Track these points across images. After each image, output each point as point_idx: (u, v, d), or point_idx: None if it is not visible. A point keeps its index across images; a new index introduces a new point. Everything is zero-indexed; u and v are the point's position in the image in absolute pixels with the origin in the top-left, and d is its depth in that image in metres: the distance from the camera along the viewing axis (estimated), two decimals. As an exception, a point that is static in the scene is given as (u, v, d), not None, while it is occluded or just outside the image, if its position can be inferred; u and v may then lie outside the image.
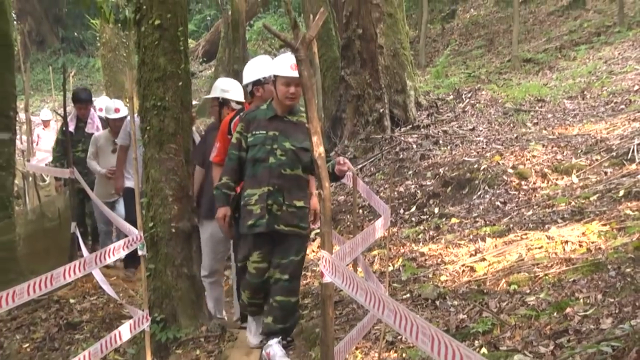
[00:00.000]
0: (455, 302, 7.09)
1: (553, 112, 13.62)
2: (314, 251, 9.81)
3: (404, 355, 6.28)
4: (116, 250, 6.52)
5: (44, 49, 42.49)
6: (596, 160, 10.21)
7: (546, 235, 8.02)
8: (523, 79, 17.48)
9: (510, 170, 10.52)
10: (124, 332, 6.48)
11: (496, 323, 6.23)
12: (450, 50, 23.39)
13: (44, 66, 38.40)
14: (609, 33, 19.43)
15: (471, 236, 8.94)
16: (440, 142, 12.91)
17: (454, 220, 9.77)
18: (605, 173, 9.74)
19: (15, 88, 12.08)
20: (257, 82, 7.48)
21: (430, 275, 8.06)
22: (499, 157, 11.02)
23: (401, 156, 12.79)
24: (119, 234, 10.90)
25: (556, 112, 13.63)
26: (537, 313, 6.17)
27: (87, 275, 8.71)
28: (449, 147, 12.51)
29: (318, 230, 5.54)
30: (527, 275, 7.08)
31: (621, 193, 8.71)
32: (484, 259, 8.00)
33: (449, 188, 10.83)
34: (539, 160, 10.68)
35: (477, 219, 9.53)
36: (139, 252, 6.79)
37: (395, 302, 3.82)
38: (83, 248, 10.52)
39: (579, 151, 10.72)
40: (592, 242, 7.48)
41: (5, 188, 11.46)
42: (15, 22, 31.31)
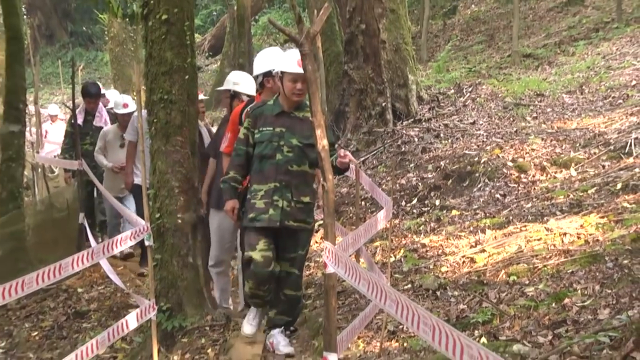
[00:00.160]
0: (456, 293, 7.08)
1: (552, 107, 13.60)
2: (317, 242, 9.80)
3: (405, 344, 6.28)
4: (123, 241, 6.52)
5: (53, 42, 42.43)
6: (594, 153, 10.20)
7: (545, 228, 8.01)
8: (523, 73, 17.45)
9: (509, 164, 10.50)
10: (131, 321, 6.48)
11: (496, 313, 6.23)
12: (451, 46, 23.35)
13: (53, 60, 38.36)
14: (607, 29, 19.38)
15: (471, 228, 8.93)
16: (442, 135, 12.89)
17: (454, 212, 9.77)
18: (603, 166, 9.72)
19: (25, 81, 12.09)
20: (267, 73, 7.41)
21: (431, 266, 8.06)
22: (498, 151, 11.00)
23: (403, 149, 12.78)
24: (124, 227, 10.86)
25: (555, 106, 13.60)
26: (536, 303, 6.17)
27: (95, 265, 8.72)
28: (449, 141, 12.49)
29: (322, 222, 5.53)
30: (526, 266, 7.08)
31: (619, 186, 8.70)
32: (483, 251, 8.00)
33: (450, 181, 10.82)
34: (538, 154, 10.66)
35: (477, 211, 9.53)
36: (146, 243, 6.79)
37: (397, 292, 3.81)
38: (91, 238, 10.52)
39: (578, 145, 10.70)
40: (590, 234, 7.47)
41: (15, 179, 11.47)
42: (25, 17, 31.28)
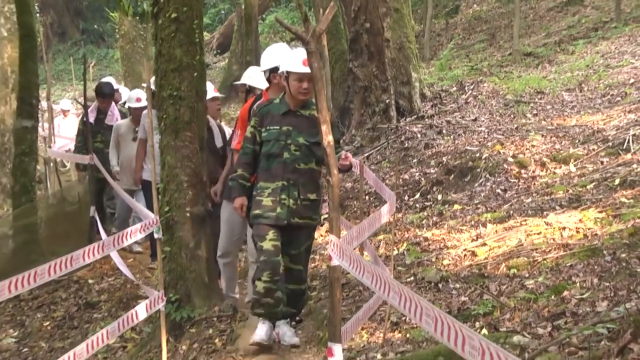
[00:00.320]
0: (457, 285, 7.08)
1: (552, 104, 13.57)
2: (322, 235, 9.81)
3: (408, 335, 6.28)
4: (133, 234, 6.53)
5: (65, 40, 42.42)
6: (593, 150, 10.18)
7: (545, 222, 8.00)
8: (523, 71, 17.40)
9: (510, 159, 10.49)
10: (140, 311, 6.49)
11: (496, 305, 6.23)
12: (453, 44, 23.29)
13: (65, 57, 38.32)
14: (606, 28, 19.32)
15: (473, 222, 8.93)
16: (444, 131, 12.87)
17: (456, 206, 9.76)
18: (602, 162, 9.71)
19: (37, 77, 12.11)
20: (273, 69, 7.38)
21: (433, 259, 8.06)
22: (499, 147, 10.98)
23: (406, 145, 12.77)
24: (134, 222, 10.86)
25: (555, 103, 13.58)
26: (536, 296, 6.17)
27: (106, 257, 8.73)
28: (452, 137, 12.47)
29: (327, 216, 5.53)
30: (526, 259, 7.08)
31: (617, 181, 8.70)
32: (484, 244, 8.00)
33: (452, 176, 10.81)
34: (538, 150, 10.65)
35: (479, 206, 9.52)
36: (155, 236, 6.80)
37: (400, 284, 3.81)
38: (102, 231, 10.52)
39: (577, 141, 10.68)
40: (589, 229, 7.47)
41: (28, 173, 11.50)
42: (38, 15, 31.28)
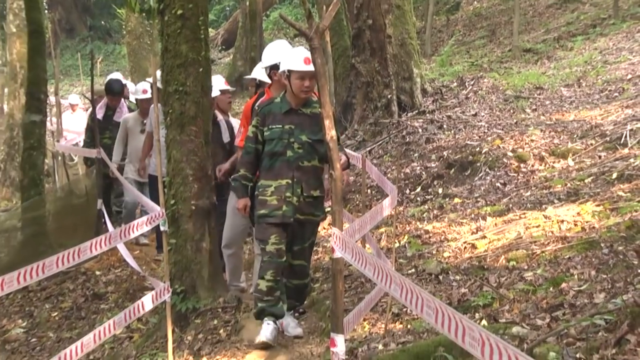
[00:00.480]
0: (458, 277, 7.08)
1: (551, 99, 13.55)
2: (325, 228, 9.80)
3: (409, 326, 6.28)
4: (140, 226, 6.53)
5: (73, 36, 42.41)
6: (591, 144, 10.17)
7: (543, 215, 8.00)
8: (523, 67, 17.38)
9: (510, 154, 10.48)
10: (147, 302, 6.50)
11: (496, 297, 6.23)
12: (454, 40, 23.25)
13: (73, 52, 38.28)
14: (604, 25, 19.29)
15: (473, 215, 8.92)
16: (445, 126, 12.86)
17: (456, 200, 9.76)
18: (600, 157, 9.70)
19: (46, 73, 12.15)
20: (274, 66, 7.34)
21: (434, 252, 8.06)
22: (499, 141, 10.97)
23: (407, 140, 12.76)
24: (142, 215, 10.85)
25: (554, 99, 13.56)
26: (534, 288, 6.16)
27: (112, 249, 8.74)
28: (452, 132, 12.46)
29: (329, 209, 5.53)
30: (525, 252, 7.07)
31: (614, 175, 8.69)
32: (484, 237, 7.99)
33: (452, 170, 10.81)
34: (537, 145, 10.63)
35: (479, 199, 9.52)
36: (161, 228, 6.80)
37: (402, 276, 3.81)
38: (108, 223, 10.53)
39: (575, 136, 10.67)
40: (587, 222, 7.46)
41: (37, 167, 11.53)
42: (46, 11, 31.29)
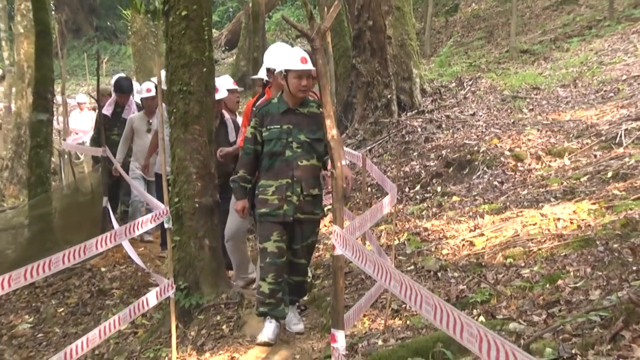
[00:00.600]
0: (456, 274, 7.09)
1: (547, 99, 13.55)
2: (325, 225, 9.80)
3: (408, 322, 6.28)
4: (144, 223, 6.53)
5: (79, 36, 42.43)
6: (587, 144, 10.16)
7: (540, 213, 8.00)
8: (520, 68, 17.38)
9: (507, 153, 10.47)
10: (151, 298, 6.50)
11: (493, 293, 6.23)
12: (453, 41, 23.27)
13: (79, 53, 38.32)
14: (600, 26, 19.28)
15: (471, 213, 8.92)
16: (443, 126, 12.85)
17: (455, 198, 9.75)
18: (595, 156, 9.69)
19: (53, 72, 12.15)
20: (271, 69, 7.33)
21: (432, 249, 8.06)
22: (497, 141, 10.97)
23: (407, 139, 12.75)
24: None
25: (550, 99, 13.55)
26: (531, 285, 6.16)
27: (117, 246, 8.75)
28: (451, 131, 12.46)
29: (330, 207, 5.53)
30: (522, 249, 7.07)
31: (609, 174, 8.69)
32: (482, 234, 7.99)
33: (451, 168, 10.80)
34: (533, 144, 10.63)
35: (477, 198, 9.52)
36: (165, 225, 6.80)
37: (401, 273, 3.80)
38: (114, 220, 10.52)
39: (571, 135, 10.66)
40: (583, 220, 7.46)
41: (43, 165, 11.54)
42: (53, 12, 31.28)
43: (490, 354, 2.86)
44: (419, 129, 12.96)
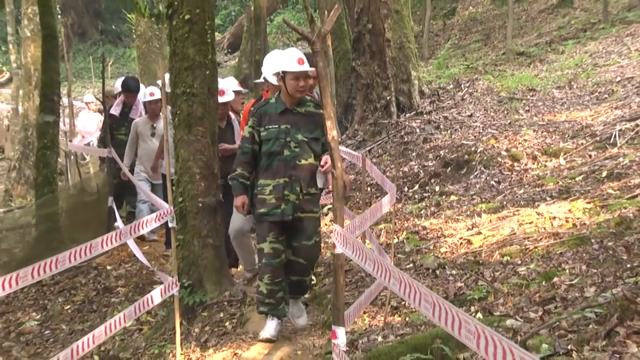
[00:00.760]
0: (454, 272, 7.08)
1: (543, 101, 13.55)
2: (326, 224, 9.80)
3: (407, 319, 6.28)
4: (149, 223, 6.52)
5: (85, 40, 42.47)
6: (582, 144, 10.17)
7: (536, 212, 8.00)
8: (516, 70, 17.39)
9: (504, 153, 10.48)
10: (156, 296, 6.49)
11: (490, 291, 6.22)
12: (450, 44, 23.27)
13: (85, 56, 38.33)
14: (594, 29, 19.30)
15: (468, 212, 8.92)
16: (441, 127, 12.86)
17: (453, 197, 9.75)
18: (590, 156, 9.70)
19: (59, 75, 12.14)
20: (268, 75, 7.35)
21: (431, 247, 8.05)
22: (494, 141, 10.97)
23: (406, 139, 12.76)
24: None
25: (546, 100, 13.56)
26: (528, 282, 6.16)
27: (123, 245, 8.73)
28: (449, 132, 12.46)
29: (331, 206, 5.53)
30: (518, 247, 7.07)
31: (604, 174, 8.69)
32: (479, 233, 7.99)
33: (449, 168, 10.81)
34: (530, 144, 10.63)
35: (474, 197, 9.52)
36: (169, 225, 6.79)
37: (400, 271, 3.80)
38: (119, 220, 10.51)
39: (566, 136, 10.67)
40: (578, 218, 7.46)
41: (50, 165, 11.53)
42: (59, 16, 31.28)
43: (488, 350, 2.85)
44: (418, 130, 12.97)
